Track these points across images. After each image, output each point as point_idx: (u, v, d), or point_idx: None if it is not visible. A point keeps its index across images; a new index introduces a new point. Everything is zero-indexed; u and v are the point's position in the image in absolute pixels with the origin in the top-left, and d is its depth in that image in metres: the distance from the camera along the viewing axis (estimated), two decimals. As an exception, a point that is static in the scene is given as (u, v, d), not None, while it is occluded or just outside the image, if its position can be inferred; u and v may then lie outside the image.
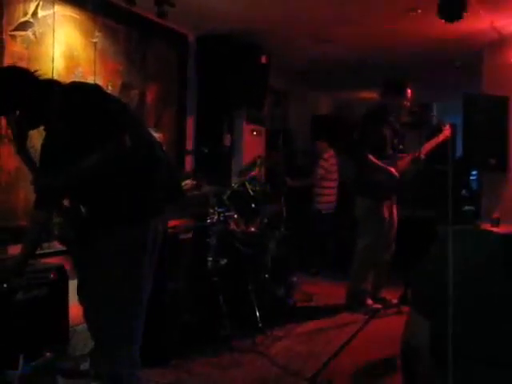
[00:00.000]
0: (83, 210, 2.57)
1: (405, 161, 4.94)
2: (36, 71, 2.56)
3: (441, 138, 5.04)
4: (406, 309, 4.88)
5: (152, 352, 3.53)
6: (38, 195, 2.56)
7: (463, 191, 6.85)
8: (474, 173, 6.79)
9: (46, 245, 4.07)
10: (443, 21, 4.25)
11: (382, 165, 4.78)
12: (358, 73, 7.52)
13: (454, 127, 5.36)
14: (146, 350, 2.97)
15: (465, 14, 4.16)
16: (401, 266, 5.06)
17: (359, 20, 5.37)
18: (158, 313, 3.67)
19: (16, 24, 3.94)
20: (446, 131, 5.04)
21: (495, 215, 4.90)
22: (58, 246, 4.10)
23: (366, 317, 4.77)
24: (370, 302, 5.00)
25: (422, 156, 4.94)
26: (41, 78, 2.55)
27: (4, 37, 3.84)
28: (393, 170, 4.81)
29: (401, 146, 5.01)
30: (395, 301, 5.02)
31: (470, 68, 6.23)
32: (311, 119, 8.58)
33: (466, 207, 6.31)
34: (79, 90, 2.57)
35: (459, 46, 5.99)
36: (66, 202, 2.68)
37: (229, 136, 6.37)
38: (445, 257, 2.72)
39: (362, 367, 3.74)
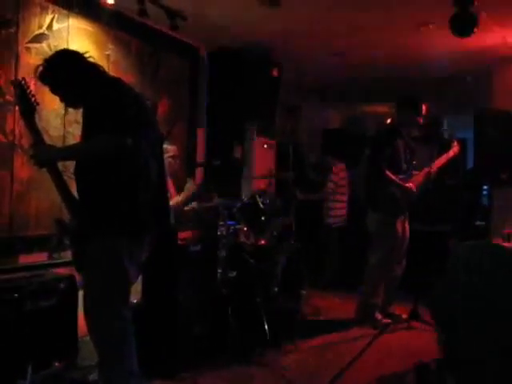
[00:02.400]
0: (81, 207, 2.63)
1: (419, 177, 4.93)
2: (86, 53, 2.77)
3: (451, 153, 5.04)
4: (415, 324, 4.85)
5: (161, 364, 3.52)
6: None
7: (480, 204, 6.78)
8: (485, 187, 6.75)
9: (56, 255, 4.10)
10: (455, 36, 4.27)
11: (399, 182, 4.76)
12: (369, 87, 7.54)
13: (462, 143, 5.34)
14: (154, 362, 2.98)
15: (476, 29, 4.18)
16: (411, 281, 5.03)
17: (371, 34, 5.39)
18: (167, 325, 3.67)
19: (31, 36, 4.00)
20: (455, 148, 5.03)
21: (507, 230, 4.87)
22: (67, 256, 4.13)
23: (376, 331, 4.73)
24: (379, 316, 4.97)
25: (433, 171, 4.93)
26: (92, 61, 2.77)
27: (19, 49, 3.90)
28: (410, 185, 4.79)
29: (414, 162, 4.99)
30: (405, 316, 4.98)
31: (481, 82, 6.24)
32: (322, 133, 8.58)
33: (478, 222, 6.27)
34: (114, 87, 2.67)
35: (471, 60, 6.00)
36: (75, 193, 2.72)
37: (239, 149, 6.39)
38: (459, 273, 2.73)
39: (372, 382, 3.70)
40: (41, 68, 2.68)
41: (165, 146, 3.43)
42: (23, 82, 2.65)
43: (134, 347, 2.65)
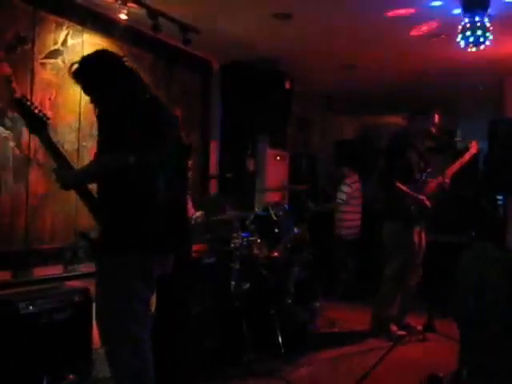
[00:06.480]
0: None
1: (432, 186, 4.91)
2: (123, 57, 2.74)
3: (467, 156, 5.01)
4: (430, 336, 4.82)
5: (174, 376, 3.52)
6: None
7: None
8: (500, 197, 6.70)
9: (71, 267, 4.13)
10: (466, 46, 4.27)
11: (411, 193, 4.75)
12: (382, 98, 7.54)
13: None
14: (168, 373, 2.98)
15: (488, 39, 4.17)
16: (426, 292, 5.00)
17: (383, 45, 5.40)
18: (181, 337, 3.68)
19: (46, 52, 4.07)
20: (473, 148, 5.01)
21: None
22: (82, 269, 4.17)
23: (391, 343, 4.70)
24: (394, 328, 4.93)
25: (447, 181, 4.91)
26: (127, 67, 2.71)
27: (35, 64, 3.97)
28: (422, 197, 4.77)
29: (429, 170, 4.97)
30: (420, 327, 4.93)
31: (493, 92, 6.22)
32: (335, 144, 8.59)
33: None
34: (155, 103, 2.65)
35: (483, 70, 5.98)
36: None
37: (252, 161, 6.42)
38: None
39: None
40: (76, 65, 2.63)
41: None
42: (23, 99, 2.58)
43: (151, 365, 2.58)
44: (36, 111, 2.58)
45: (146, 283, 2.57)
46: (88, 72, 2.64)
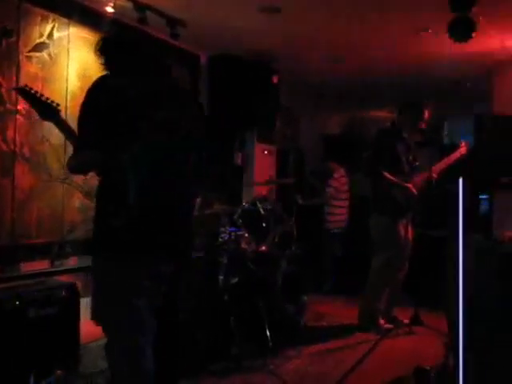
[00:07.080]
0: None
1: (420, 178, 4.94)
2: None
3: (456, 155, 5.04)
4: (417, 329, 4.85)
5: (161, 372, 3.51)
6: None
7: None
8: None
9: (58, 262, 4.11)
10: (454, 41, 4.28)
11: (398, 181, 4.78)
12: (369, 92, 7.56)
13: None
14: (155, 370, 2.96)
15: (475, 33, 4.19)
16: (412, 285, 5.03)
17: (370, 39, 5.41)
18: (167, 332, 3.66)
19: (32, 45, 4.03)
20: (462, 148, 5.04)
21: (509, 233, 4.86)
22: (70, 263, 4.15)
23: (378, 337, 4.72)
24: (381, 321, 4.96)
25: (434, 175, 4.94)
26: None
27: (20, 58, 3.93)
28: (410, 186, 4.80)
29: (417, 163, 5.00)
30: (406, 321, 4.97)
31: (481, 87, 6.25)
32: (322, 138, 8.60)
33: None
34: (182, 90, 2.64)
35: (470, 65, 6.01)
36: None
37: (240, 155, 6.41)
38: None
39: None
40: (100, 42, 2.52)
41: None
42: (26, 87, 2.55)
43: (150, 363, 2.54)
44: (43, 98, 2.54)
45: (144, 284, 2.48)
46: (108, 50, 2.52)
